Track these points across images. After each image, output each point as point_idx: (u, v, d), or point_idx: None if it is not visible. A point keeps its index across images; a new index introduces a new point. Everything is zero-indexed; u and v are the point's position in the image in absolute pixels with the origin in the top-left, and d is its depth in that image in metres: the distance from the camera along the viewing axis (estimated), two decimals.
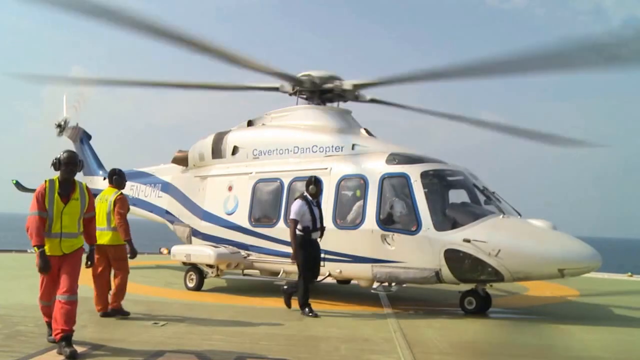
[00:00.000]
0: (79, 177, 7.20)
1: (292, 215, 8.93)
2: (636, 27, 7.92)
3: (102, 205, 8.12)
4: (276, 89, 12.39)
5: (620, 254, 63.24)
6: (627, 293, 13.37)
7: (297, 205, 8.96)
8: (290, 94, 12.44)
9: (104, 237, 7.94)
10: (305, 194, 9.13)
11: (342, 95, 12.09)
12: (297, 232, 8.89)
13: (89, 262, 6.40)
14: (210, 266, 11.08)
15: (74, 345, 5.63)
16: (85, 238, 6.25)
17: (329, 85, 11.81)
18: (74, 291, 5.85)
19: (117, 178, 8.60)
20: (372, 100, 12.37)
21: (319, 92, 12.01)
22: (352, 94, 12.06)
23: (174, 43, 9.83)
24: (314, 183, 9.12)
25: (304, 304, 8.75)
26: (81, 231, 6.15)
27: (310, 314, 8.58)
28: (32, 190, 6.27)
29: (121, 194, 8.36)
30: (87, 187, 6.23)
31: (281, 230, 10.71)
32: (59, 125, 16.74)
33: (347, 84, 11.65)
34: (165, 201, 13.91)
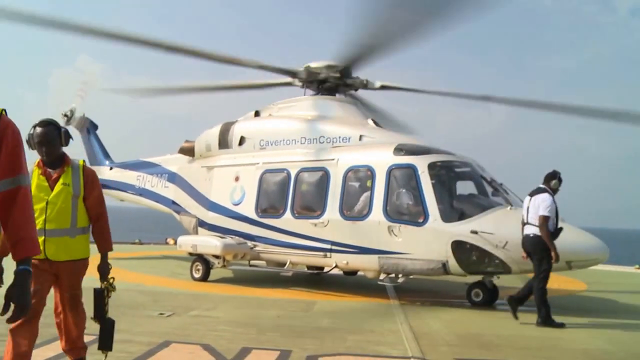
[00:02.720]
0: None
1: (546, 212, 7.63)
2: None
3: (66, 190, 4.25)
4: (289, 84, 12.34)
5: (628, 245, 62.83)
6: (635, 285, 13.28)
7: (549, 200, 7.73)
8: (301, 87, 12.39)
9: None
10: (545, 187, 7.98)
11: (349, 84, 12.00)
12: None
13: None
14: (217, 257, 11.10)
15: None
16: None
17: (324, 75, 11.68)
18: None
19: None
20: (382, 87, 12.22)
21: (321, 82, 11.93)
22: (360, 83, 11.96)
23: (182, 55, 9.95)
24: (560, 178, 8.05)
25: (549, 317, 7.67)
26: None
27: (556, 325, 7.57)
28: None
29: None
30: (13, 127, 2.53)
31: (288, 221, 10.70)
32: (65, 115, 16.70)
33: (336, 70, 11.49)
34: (171, 191, 13.90)
